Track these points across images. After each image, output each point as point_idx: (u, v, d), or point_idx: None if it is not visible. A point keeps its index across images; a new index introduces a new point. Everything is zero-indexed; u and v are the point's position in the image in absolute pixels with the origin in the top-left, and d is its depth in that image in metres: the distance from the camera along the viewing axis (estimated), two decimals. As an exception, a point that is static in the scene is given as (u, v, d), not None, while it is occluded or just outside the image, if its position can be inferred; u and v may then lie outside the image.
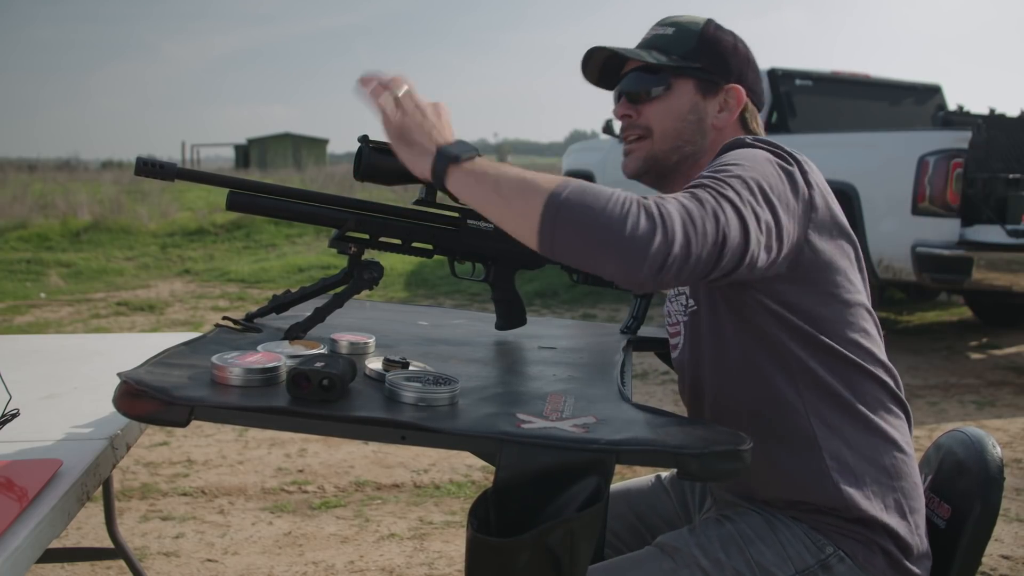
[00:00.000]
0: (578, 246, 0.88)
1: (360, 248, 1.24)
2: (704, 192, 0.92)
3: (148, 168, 1.10)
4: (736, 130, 1.18)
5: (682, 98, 1.17)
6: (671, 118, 1.17)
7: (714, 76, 1.17)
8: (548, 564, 0.81)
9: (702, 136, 1.17)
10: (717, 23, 1.20)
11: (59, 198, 11.94)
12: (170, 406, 0.87)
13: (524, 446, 0.84)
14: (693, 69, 1.16)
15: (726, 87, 1.17)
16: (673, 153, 1.18)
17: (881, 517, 1.06)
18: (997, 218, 4.37)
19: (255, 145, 35.14)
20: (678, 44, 1.17)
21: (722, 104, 1.17)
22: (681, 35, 1.18)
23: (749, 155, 1.02)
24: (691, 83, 1.16)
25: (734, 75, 1.17)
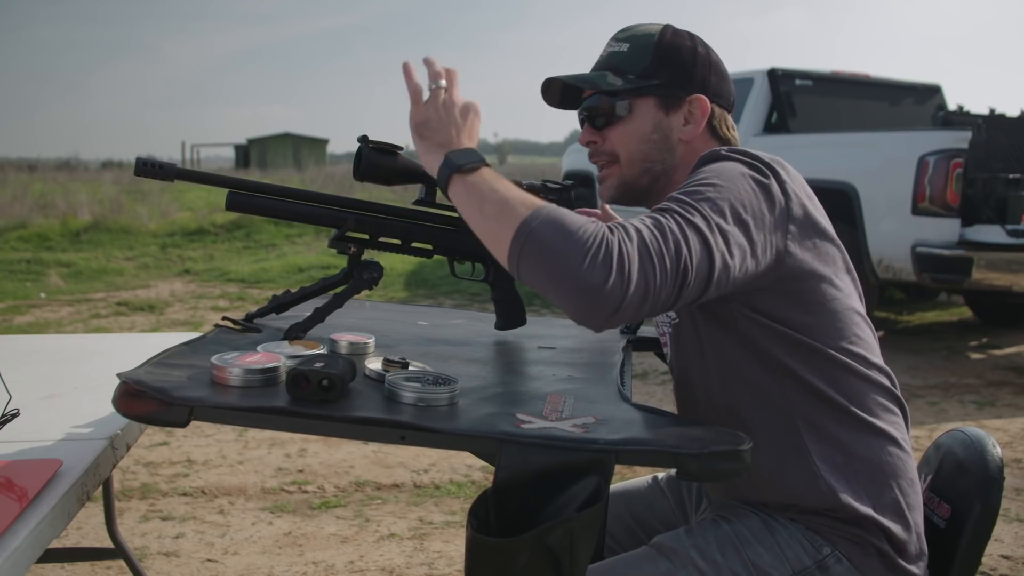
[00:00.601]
0: (539, 280, 0.89)
1: (360, 248, 1.24)
2: (670, 219, 0.91)
3: (148, 168, 1.10)
4: (706, 139, 1.16)
5: (644, 118, 1.14)
6: (635, 140, 1.15)
7: (674, 90, 1.14)
8: (548, 564, 0.81)
9: (669, 153, 1.15)
10: (674, 28, 1.16)
11: (59, 198, 11.94)
12: (170, 406, 0.87)
13: (524, 446, 0.84)
14: (652, 87, 1.13)
15: (688, 99, 1.14)
16: (643, 175, 1.16)
17: (876, 517, 1.06)
18: (997, 218, 4.37)
19: (255, 145, 35.14)
20: (634, 61, 1.14)
21: (687, 116, 1.14)
22: (636, 50, 1.15)
23: (724, 170, 1.00)
24: (651, 101, 1.14)
25: (696, 84, 1.14)
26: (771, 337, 1.05)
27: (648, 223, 0.91)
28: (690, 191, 0.96)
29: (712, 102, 1.15)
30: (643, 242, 0.87)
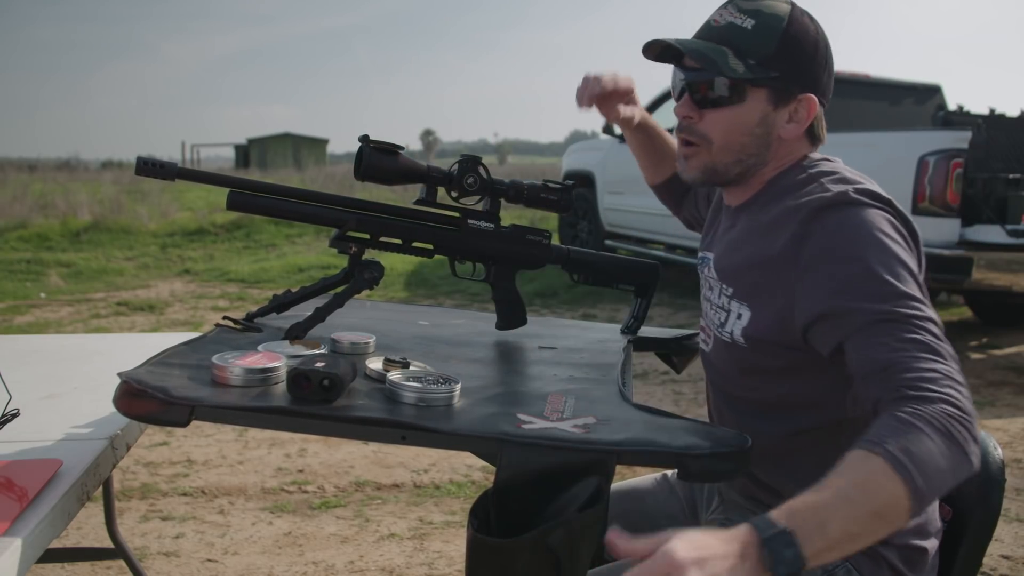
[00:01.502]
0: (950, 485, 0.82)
1: (360, 248, 1.24)
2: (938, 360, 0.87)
3: (149, 168, 1.10)
4: (802, 139, 1.10)
5: (752, 109, 1.06)
6: (737, 131, 1.07)
7: (789, 85, 1.05)
8: (548, 564, 0.81)
9: (766, 148, 1.08)
10: (801, 11, 1.06)
11: (59, 198, 11.94)
12: (170, 406, 0.87)
13: (525, 446, 0.84)
14: (770, 79, 1.04)
15: (799, 97, 1.06)
16: (734, 166, 1.09)
17: (895, 539, 1.05)
18: (997, 218, 4.37)
19: (255, 145, 35.16)
20: (758, 45, 1.03)
21: (792, 114, 1.07)
22: (762, 32, 1.03)
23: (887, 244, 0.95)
24: (764, 92, 1.05)
25: (810, 81, 1.06)
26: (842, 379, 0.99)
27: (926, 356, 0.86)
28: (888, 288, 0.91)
29: (821, 104, 1.08)
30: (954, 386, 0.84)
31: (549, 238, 1.35)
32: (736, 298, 1.09)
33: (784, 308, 1.02)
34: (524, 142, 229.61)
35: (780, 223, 1.04)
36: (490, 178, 1.27)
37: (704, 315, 1.21)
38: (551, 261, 1.36)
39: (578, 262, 1.39)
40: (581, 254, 1.40)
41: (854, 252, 0.95)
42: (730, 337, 1.09)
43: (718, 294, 1.14)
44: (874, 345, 0.89)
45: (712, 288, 1.16)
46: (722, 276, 1.13)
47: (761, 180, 1.12)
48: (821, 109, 1.09)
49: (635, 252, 6.61)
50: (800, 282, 0.99)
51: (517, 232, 1.32)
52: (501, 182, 1.28)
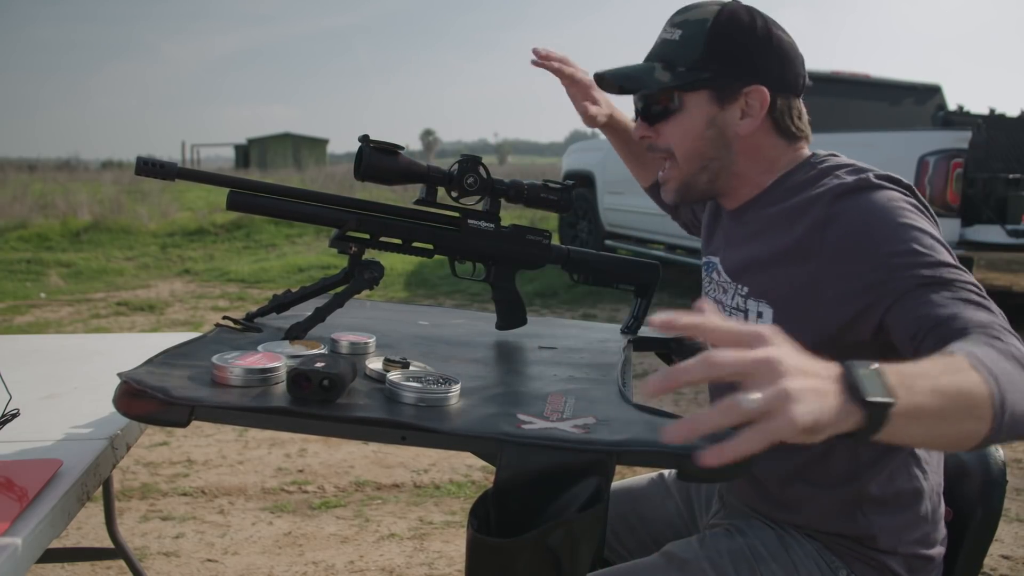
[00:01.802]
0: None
1: (361, 248, 1.24)
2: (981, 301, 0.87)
3: (149, 168, 1.10)
4: (769, 134, 1.07)
5: (697, 114, 1.06)
6: (689, 138, 1.07)
7: (729, 81, 1.04)
8: (549, 564, 0.81)
9: (727, 149, 1.07)
10: (733, 8, 1.05)
11: (59, 198, 11.94)
12: (170, 406, 0.87)
13: (524, 446, 0.84)
14: (703, 80, 1.04)
15: (745, 90, 1.04)
16: (701, 173, 1.09)
17: (900, 548, 1.05)
18: (997, 218, 4.38)
19: (255, 145, 35.16)
20: (685, 52, 1.05)
21: (744, 109, 1.05)
22: (688, 39, 1.05)
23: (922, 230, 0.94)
24: (704, 95, 1.05)
25: (754, 73, 1.04)
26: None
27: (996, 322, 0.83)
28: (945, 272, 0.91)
29: (775, 93, 1.05)
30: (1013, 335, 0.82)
31: (549, 238, 1.35)
32: (753, 296, 1.07)
33: (810, 298, 0.99)
34: (524, 142, 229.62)
35: (798, 214, 1.02)
36: (490, 178, 1.27)
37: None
38: (551, 261, 1.36)
39: (578, 262, 1.39)
40: (581, 254, 1.40)
41: (885, 230, 0.94)
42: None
43: (732, 295, 1.11)
44: (924, 305, 0.87)
45: (725, 291, 1.13)
46: (735, 276, 1.11)
47: (744, 179, 1.10)
48: (791, 102, 1.07)
49: (635, 252, 6.61)
50: (832, 266, 0.96)
51: (517, 232, 1.32)
52: (501, 182, 1.28)
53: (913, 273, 0.90)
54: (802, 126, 1.10)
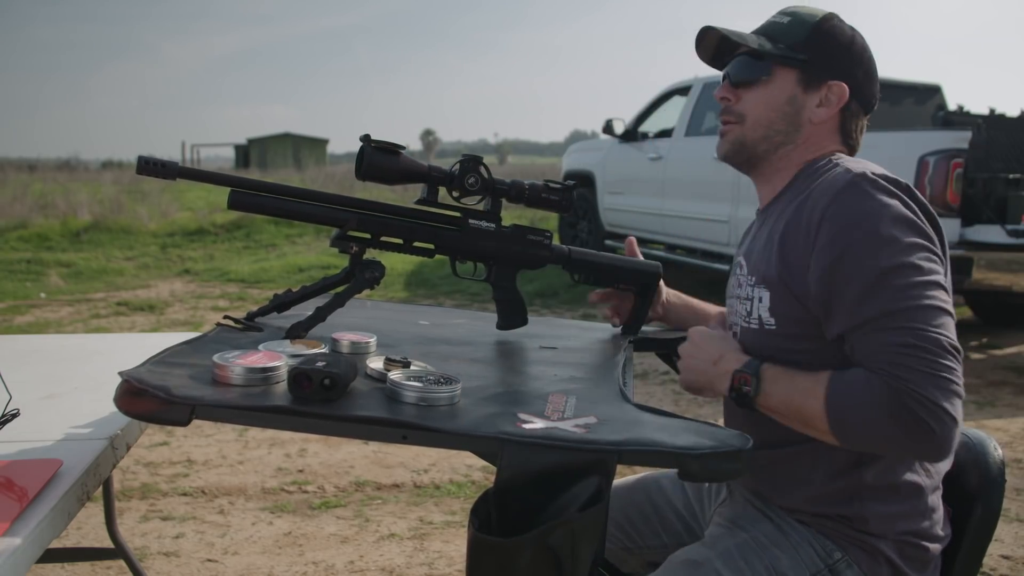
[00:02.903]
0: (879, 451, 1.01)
1: (362, 247, 1.23)
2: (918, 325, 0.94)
3: (150, 167, 1.10)
4: (832, 131, 1.16)
5: (781, 88, 1.14)
6: (766, 106, 1.15)
7: (818, 69, 1.13)
8: (549, 564, 0.81)
9: (795, 128, 1.15)
10: (840, 19, 1.16)
11: (59, 198, 11.94)
12: (171, 405, 0.87)
13: (525, 446, 0.84)
14: (797, 60, 1.13)
15: (829, 82, 1.13)
16: (763, 142, 1.16)
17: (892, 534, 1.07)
18: (997, 218, 4.37)
19: (255, 145, 35.16)
20: (789, 33, 1.14)
21: (822, 99, 1.14)
22: (795, 25, 1.15)
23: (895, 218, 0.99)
24: (793, 74, 1.14)
25: (841, 70, 1.13)
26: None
27: (908, 345, 0.93)
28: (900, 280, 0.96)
29: (852, 96, 1.14)
30: (926, 376, 0.91)
31: (550, 238, 1.35)
32: (756, 284, 1.12)
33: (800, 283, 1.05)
34: (524, 142, 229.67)
35: (801, 206, 1.07)
36: (491, 178, 1.27)
37: (732, 318, 1.21)
38: (552, 261, 1.36)
39: (579, 262, 1.39)
40: (582, 254, 1.40)
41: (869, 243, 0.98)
42: (758, 322, 1.12)
43: (744, 287, 1.17)
44: (872, 345, 0.96)
45: (741, 285, 1.18)
46: (751, 269, 1.16)
47: (789, 165, 1.16)
48: (859, 109, 1.16)
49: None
50: (816, 260, 1.02)
51: (518, 232, 1.32)
52: (502, 182, 1.28)
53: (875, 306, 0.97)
54: (857, 139, 1.19)
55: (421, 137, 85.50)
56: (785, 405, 1.01)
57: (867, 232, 0.99)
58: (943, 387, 0.91)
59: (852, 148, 1.18)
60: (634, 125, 6.87)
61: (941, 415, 0.90)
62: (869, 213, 1.00)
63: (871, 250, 0.98)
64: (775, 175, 1.18)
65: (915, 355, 0.92)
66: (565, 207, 1.32)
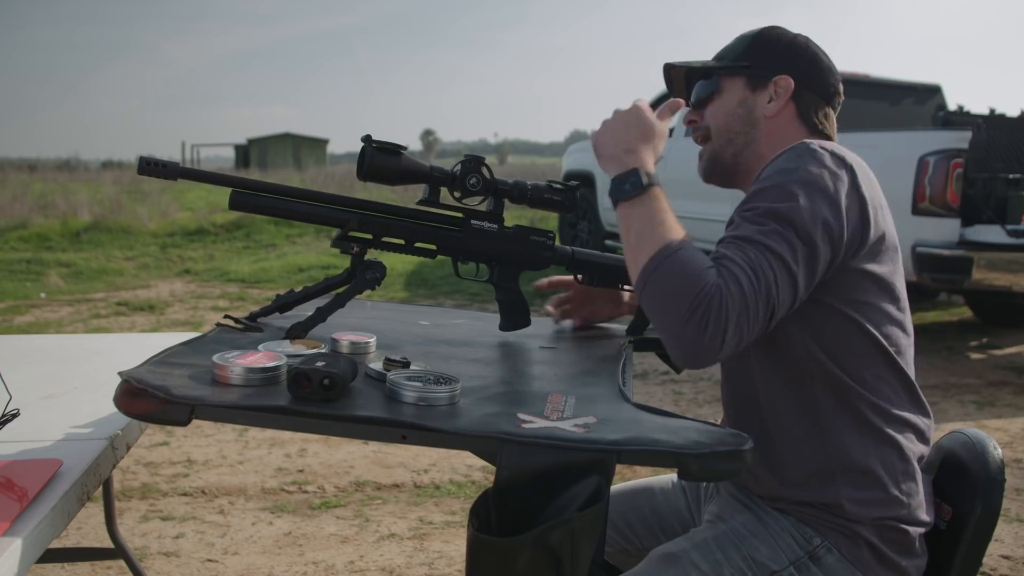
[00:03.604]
0: (651, 317, 1.01)
1: (363, 248, 1.23)
2: (764, 256, 0.98)
3: (151, 167, 1.10)
4: (794, 123, 1.21)
5: (731, 95, 1.23)
6: (721, 114, 1.23)
7: (761, 70, 1.21)
8: (549, 564, 0.81)
9: (752, 126, 1.22)
10: (782, 28, 1.25)
11: (59, 198, 11.94)
12: (171, 405, 0.87)
13: (525, 446, 0.84)
14: (741, 68, 1.22)
15: (775, 79, 1.20)
16: (728, 146, 1.23)
17: (868, 518, 1.08)
18: (997, 218, 4.37)
19: (255, 145, 35.16)
20: (733, 49, 1.25)
21: (771, 95, 1.21)
22: (738, 41, 1.25)
23: (807, 180, 1.03)
24: (740, 81, 1.22)
25: (783, 66, 1.20)
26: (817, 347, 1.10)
27: (747, 264, 0.97)
28: (780, 211, 1.01)
29: (801, 85, 1.20)
30: (742, 294, 0.95)
31: (553, 239, 1.35)
32: None
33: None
34: (524, 142, 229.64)
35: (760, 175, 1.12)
36: (493, 178, 1.27)
37: None
38: (555, 262, 1.36)
39: (582, 263, 1.39)
40: (585, 255, 1.40)
41: (776, 189, 1.04)
42: None
43: None
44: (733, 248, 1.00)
45: None
46: None
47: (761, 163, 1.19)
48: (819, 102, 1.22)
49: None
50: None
51: (521, 233, 1.32)
52: (504, 182, 1.28)
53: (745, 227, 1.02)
54: (827, 124, 1.24)
55: (421, 137, 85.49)
56: (638, 221, 1.05)
57: (780, 181, 1.04)
58: (743, 325, 0.95)
59: (825, 137, 1.22)
60: (634, 125, 6.86)
61: (722, 334, 0.94)
62: (791, 169, 1.05)
63: (773, 194, 1.03)
64: (748, 173, 1.23)
65: (752, 290, 0.96)
66: (568, 207, 1.31)
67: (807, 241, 1.00)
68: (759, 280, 0.96)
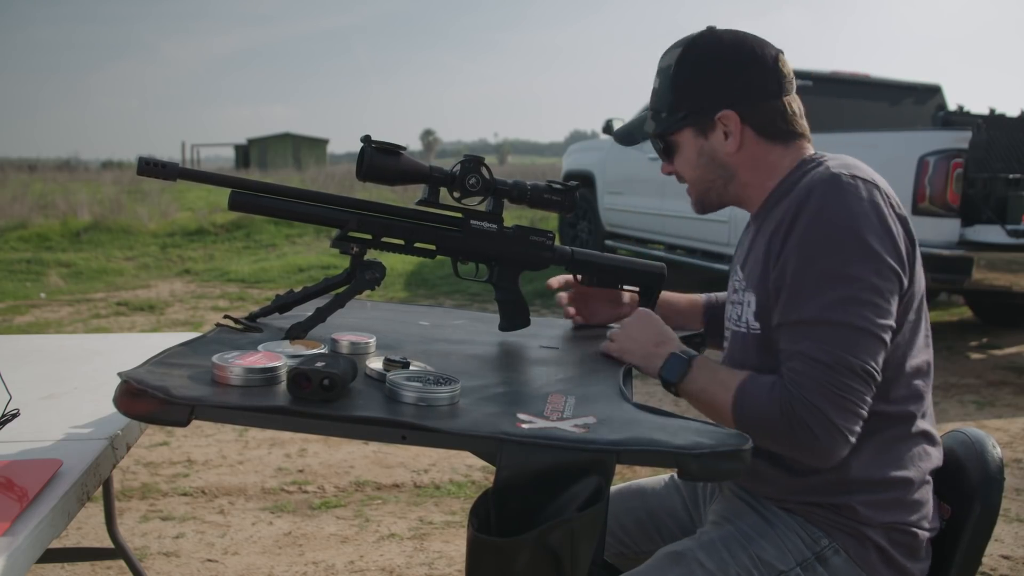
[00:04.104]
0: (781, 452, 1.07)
1: (362, 248, 1.23)
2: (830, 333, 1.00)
3: (151, 168, 1.10)
4: (758, 143, 1.16)
5: (688, 148, 1.20)
6: (689, 167, 1.22)
7: (700, 116, 1.17)
8: (549, 564, 0.81)
9: (723, 168, 1.19)
10: (686, 47, 1.17)
11: (59, 198, 11.94)
12: (170, 405, 0.87)
13: (524, 446, 0.84)
14: (679, 121, 1.18)
15: (717, 117, 1.15)
16: (709, 192, 1.23)
17: (879, 521, 1.08)
18: (997, 218, 4.37)
19: (255, 145, 35.16)
20: (662, 99, 1.20)
21: (724, 132, 1.17)
22: (662, 87, 1.20)
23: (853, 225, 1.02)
24: (687, 132, 1.19)
25: (720, 99, 1.15)
26: None
27: (811, 353, 1.00)
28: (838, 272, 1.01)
29: (745, 109, 1.15)
30: (817, 387, 0.99)
31: (553, 239, 1.35)
32: (746, 289, 1.16)
33: (774, 285, 1.09)
34: (524, 142, 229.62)
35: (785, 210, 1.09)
36: (493, 178, 1.26)
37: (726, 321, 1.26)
38: (555, 262, 1.36)
39: (583, 263, 1.39)
40: (585, 255, 1.40)
41: (830, 243, 1.02)
42: (745, 327, 1.16)
43: (738, 291, 1.21)
44: (793, 345, 1.03)
45: (736, 290, 1.22)
46: (746, 275, 1.19)
47: (763, 189, 1.19)
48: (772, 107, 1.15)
49: (635, 252, 6.61)
50: (786, 252, 1.07)
51: (520, 233, 1.32)
52: (504, 182, 1.28)
53: (808, 308, 1.03)
54: (790, 124, 1.17)
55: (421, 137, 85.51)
56: (703, 391, 1.10)
57: (831, 232, 1.02)
58: (840, 405, 0.99)
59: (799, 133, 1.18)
60: (634, 125, 6.86)
61: (829, 427, 0.99)
62: (838, 213, 1.03)
63: (828, 250, 1.02)
64: (751, 196, 1.21)
65: (822, 372, 0.99)
66: (568, 208, 1.31)
67: (875, 289, 1.00)
68: (830, 359, 0.99)
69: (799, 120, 1.18)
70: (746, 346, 1.16)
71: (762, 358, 1.12)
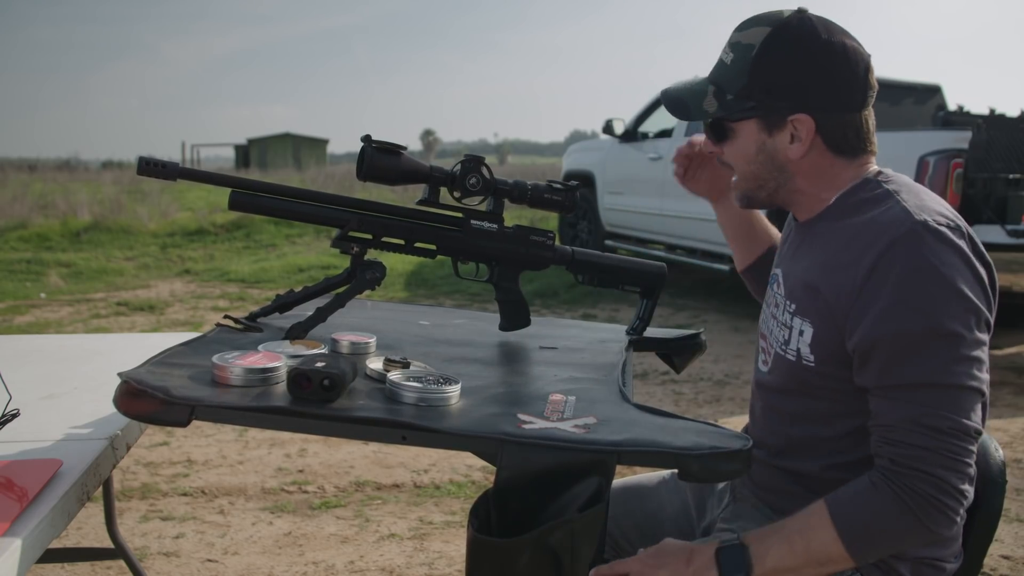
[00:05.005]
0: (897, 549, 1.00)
1: (363, 248, 1.23)
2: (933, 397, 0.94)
3: (151, 168, 1.10)
4: (825, 154, 1.07)
5: (747, 140, 1.09)
6: (743, 160, 1.10)
7: (772, 112, 1.05)
8: (549, 564, 0.81)
9: (780, 171, 1.09)
10: (778, 31, 1.04)
11: (59, 198, 11.95)
12: (171, 406, 0.87)
13: (525, 446, 0.84)
14: (747, 110, 1.06)
15: (790, 119, 1.05)
16: (759, 190, 1.12)
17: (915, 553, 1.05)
18: (997, 218, 4.37)
19: (255, 145, 35.18)
20: (733, 79, 1.07)
21: (792, 135, 1.06)
22: (737, 65, 1.07)
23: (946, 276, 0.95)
24: (752, 123, 1.07)
25: (797, 101, 1.04)
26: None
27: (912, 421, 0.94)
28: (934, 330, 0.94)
29: (823, 117, 1.04)
30: (941, 458, 0.93)
31: (553, 239, 1.35)
32: (798, 315, 1.08)
33: (841, 329, 1.01)
34: (524, 142, 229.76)
35: (851, 244, 1.01)
36: (493, 178, 1.26)
37: (766, 333, 1.18)
38: (555, 262, 1.36)
39: (583, 263, 1.39)
40: (586, 255, 1.39)
41: (925, 301, 0.95)
42: (795, 355, 1.08)
43: (783, 311, 1.12)
44: (897, 412, 0.95)
45: (778, 305, 1.14)
46: (788, 293, 1.11)
47: (818, 200, 1.10)
48: (846, 120, 1.06)
49: (635, 252, 6.61)
50: (862, 306, 0.98)
51: (521, 233, 1.32)
52: (504, 182, 1.28)
53: (907, 372, 0.95)
54: (862, 141, 1.08)
55: (421, 137, 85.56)
56: (789, 556, 0.95)
57: (928, 287, 0.94)
58: (958, 469, 0.93)
59: (866, 150, 1.09)
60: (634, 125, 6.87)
61: (953, 492, 0.93)
62: (935, 267, 0.95)
63: (928, 309, 0.94)
64: (804, 204, 1.12)
65: (939, 441, 0.93)
66: (568, 207, 1.31)
67: (977, 343, 0.96)
68: (944, 424, 0.93)
69: (871, 136, 1.09)
70: (797, 377, 1.08)
71: (811, 390, 1.07)
